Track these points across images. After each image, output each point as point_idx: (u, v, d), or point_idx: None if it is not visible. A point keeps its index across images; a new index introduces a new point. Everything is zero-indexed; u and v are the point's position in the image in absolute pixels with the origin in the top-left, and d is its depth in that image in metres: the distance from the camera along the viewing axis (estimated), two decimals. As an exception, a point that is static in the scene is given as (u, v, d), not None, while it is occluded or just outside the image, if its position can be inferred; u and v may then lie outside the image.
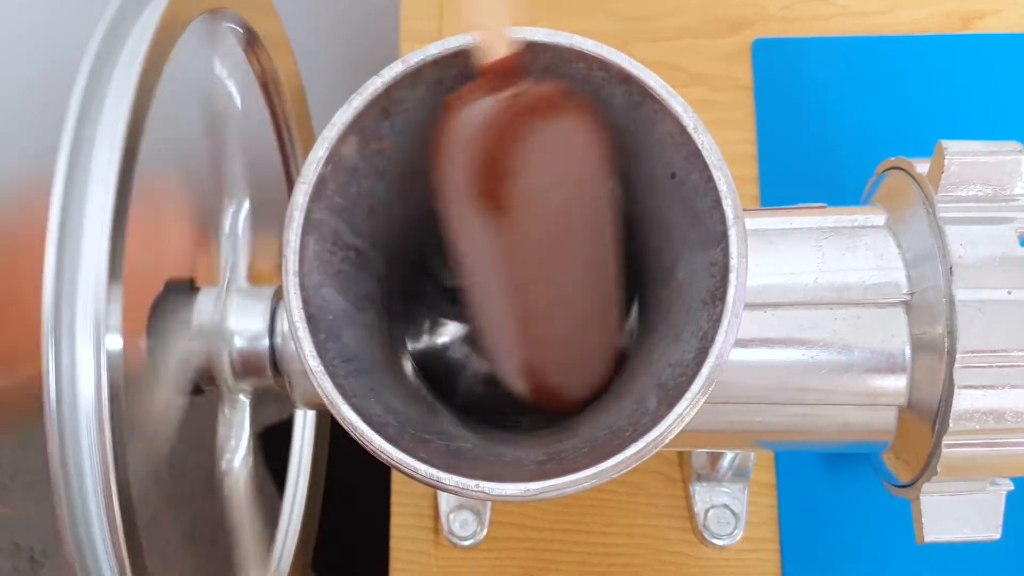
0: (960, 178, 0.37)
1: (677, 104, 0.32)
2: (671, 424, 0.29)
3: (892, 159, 0.41)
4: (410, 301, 0.38)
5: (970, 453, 0.36)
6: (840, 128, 0.60)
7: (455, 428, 0.34)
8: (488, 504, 0.51)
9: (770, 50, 0.61)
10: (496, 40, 0.31)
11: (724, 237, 0.30)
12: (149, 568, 0.34)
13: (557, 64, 0.33)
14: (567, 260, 0.34)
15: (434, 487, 0.29)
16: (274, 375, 0.40)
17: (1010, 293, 0.35)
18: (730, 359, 0.30)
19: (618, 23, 0.62)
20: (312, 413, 0.58)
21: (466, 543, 0.51)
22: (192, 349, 0.41)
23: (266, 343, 0.40)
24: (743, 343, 0.37)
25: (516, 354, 0.35)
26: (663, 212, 0.33)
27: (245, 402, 0.43)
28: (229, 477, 0.41)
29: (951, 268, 0.36)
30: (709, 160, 0.31)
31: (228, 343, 0.40)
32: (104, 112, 0.34)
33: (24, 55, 0.63)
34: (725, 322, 0.30)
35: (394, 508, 0.53)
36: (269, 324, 0.40)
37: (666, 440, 0.30)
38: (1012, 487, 0.38)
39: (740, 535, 0.50)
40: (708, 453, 0.49)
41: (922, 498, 0.38)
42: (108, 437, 0.31)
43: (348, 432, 0.30)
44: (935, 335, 0.36)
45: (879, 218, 0.39)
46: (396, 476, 0.54)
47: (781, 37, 0.61)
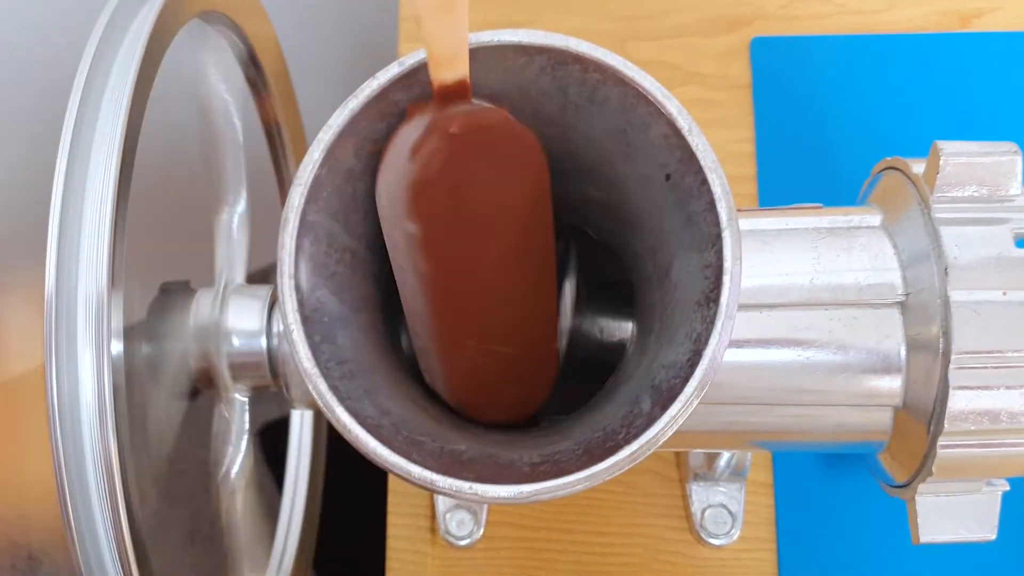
0: (955, 179, 0.37)
1: (672, 106, 0.32)
2: (665, 426, 0.29)
3: (888, 159, 0.41)
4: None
5: (965, 454, 0.36)
6: (838, 127, 0.60)
7: (449, 430, 0.34)
8: (484, 504, 0.51)
9: (769, 48, 0.61)
10: (448, 59, 0.30)
11: (718, 239, 0.30)
12: (154, 569, 0.34)
13: (552, 66, 0.33)
14: (501, 284, 0.34)
15: (428, 489, 0.29)
16: (271, 376, 0.41)
17: (1005, 294, 0.35)
18: (725, 360, 0.30)
19: (614, 22, 0.62)
20: (309, 411, 0.58)
21: (463, 543, 0.51)
22: (189, 350, 0.41)
23: (263, 344, 0.40)
24: (738, 344, 0.37)
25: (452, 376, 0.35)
26: (657, 214, 0.33)
27: (243, 402, 0.43)
28: (228, 477, 0.41)
29: (946, 269, 0.36)
30: (703, 162, 0.31)
31: (224, 344, 0.40)
32: (100, 117, 0.34)
33: (19, 59, 0.63)
34: (719, 324, 0.30)
35: (391, 508, 0.53)
36: (265, 325, 0.41)
37: (660, 442, 0.30)
38: (1008, 488, 0.38)
39: (737, 535, 0.50)
40: (705, 453, 0.49)
41: (918, 499, 0.38)
42: (112, 442, 0.32)
43: (342, 434, 0.30)
44: (930, 336, 0.36)
45: (875, 219, 0.39)
46: (392, 476, 0.54)
47: (779, 36, 0.61)
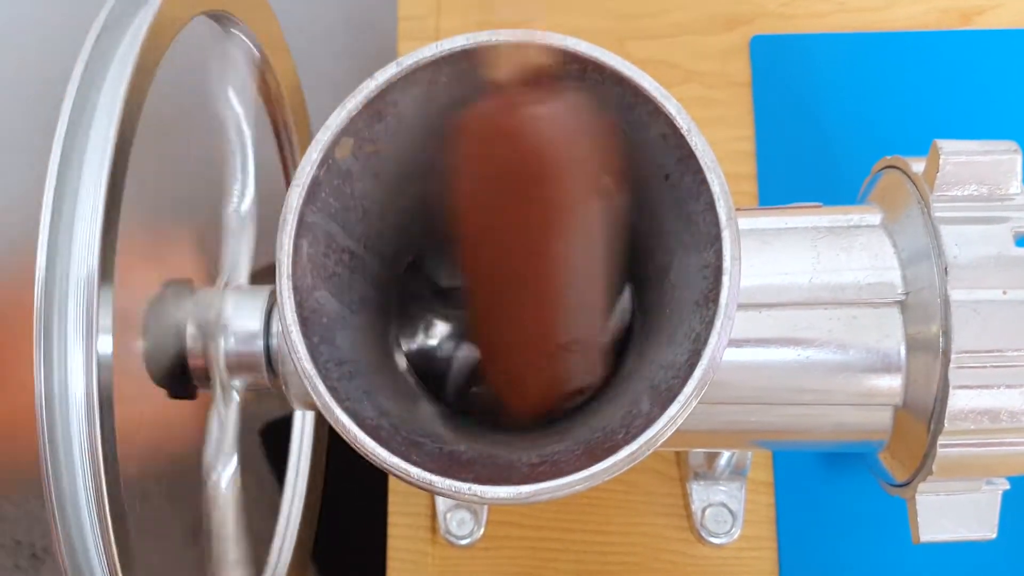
0: (955, 178, 0.37)
1: (671, 106, 0.32)
2: (664, 426, 0.29)
3: (888, 158, 0.41)
4: (404, 302, 0.38)
5: (965, 453, 0.36)
6: (838, 125, 0.60)
7: (449, 430, 0.34)
8: (484, 504, 0.51)
9: (768, 47, 0.61)
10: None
11: (717, 239, 0.30)
12: (141, 570, 0.34)
13: (552, 65, 0.33)
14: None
15: (427, 490, 0.29)
16: (269, 376, 0.40)
17: (1005, 293, 0.35)
18: (724, 360, 0.30)
19: (613, 20, 0.61)
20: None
21: (463, 542, 0.51)
22: (187, 349, 0.41)
23: (261, 344, 0.40)
24: (737, 343, 0.37)
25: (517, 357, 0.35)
26: (656, 214, 0.33)
27: (237, 402, 0.43)
28: (225, 477, 0.41)
29: (946, 268, 0.36)
30: (703, 162, 0.31)
31: (223, 343, 0.40)
32: (96, 113, 0.34)
33: (15, 55, 0.63)
34: (718, 324, 0.30)
35: (391, 508, 0.53)
36: (264, 325, 0.40)
37: (659, 442, 0.30)
38: (1008, 486, 0.38)
39: (738, 534, 0.50)
40: (705, 452, 0.49)
41: (918, 498, 0.38)
42: (99, 441, 0.31)
43: (341, 435, 0.30)
44: (930, 335, 0.36)
45: (874, 217, 0.39)
46: (392, 476, 0.54)
47: (779, 34, 0.61)
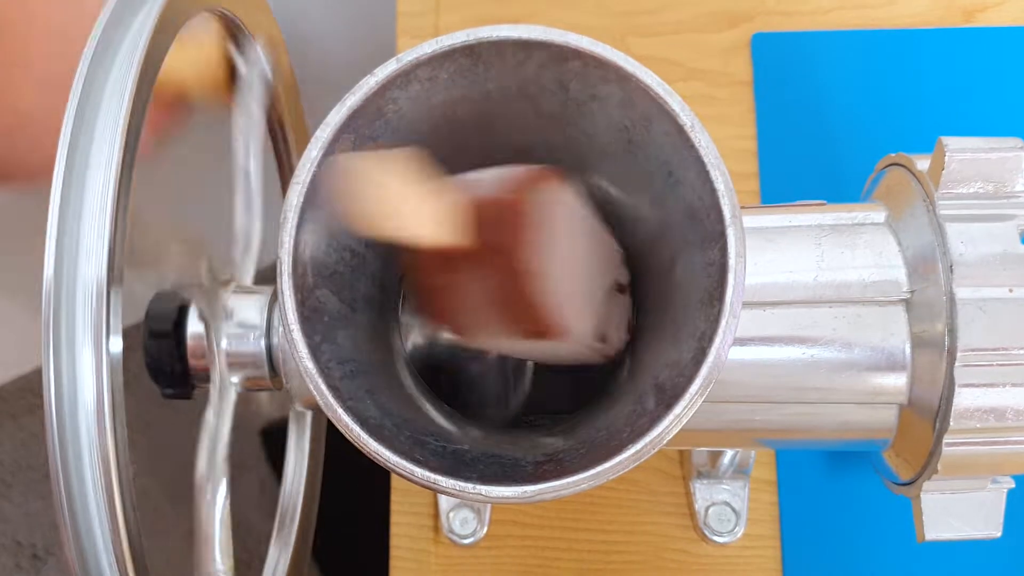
0: (960, 175, 0.37)
1: (674, 103, 0.31)
2: (669, 425, 0.29)
3: (892, 155, 0.41)
4: (406, 300, 0.38)
5: (971, 451, 0.36)
6: (841, 123, 0.59)
7: (453, 429, 0.33)
8: (488, 503, 0.51)
9: (770, 44, 0.61)
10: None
11: (722, 237, 0.30)
12: (151, 570, 0.34)
13: (552, 62, 0.32)
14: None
15: (431, 490, 0.29)
16: (271, 375, 0.40)
17: (1011, 291, 0.35)
18: (729, 358, 0.30)
19: (614, 17, 0.61)
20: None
21: (466, 541, 0.50)
22: (188, 348, 0.41)
23: (263, 343, 0.40)
24: (742, 342, 0.37)
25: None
26: (660, 211, 0.33)
27: (233, 397, 0.42)
28: (216, 482, 0.41)
29: (951, 266, 0.36)
30: (707, 159, 0.31)
31: (225, 342, 0.40)
32: (101, 112, 0.34)
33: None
34: (723, 322, 0.30)
35: (394, 507, 0.53)
36: (266, 323, 0.40)
37: (664, 441, 0.29)
38: (1013, 485, 0.38)
39: (741, 532, 0.50)
40: (709, 450, 0.49)
41: (923, 496, 0.38)
42: (110, 444, 0.31)
43: (344, 435, 0.30)
44: (935, 333, 0.36)
45: (879, 215, 0.39)
46: (395, 475, 0.54)
47: (781, 31, 0.61)
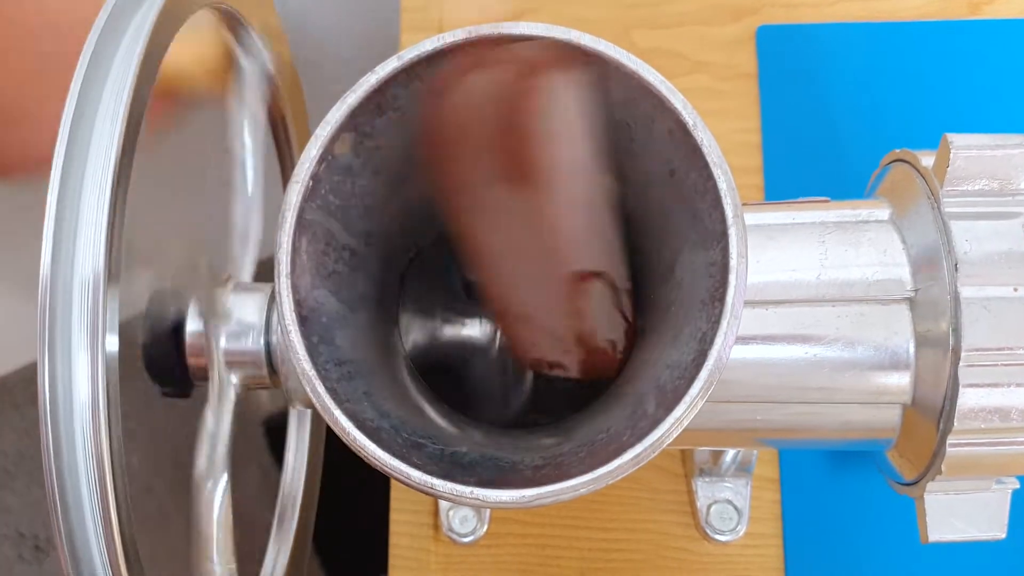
0: (966, 172, 0.36)
1: (677, 100, 0.31)
2: (669, 428, 0.29)
3: (897, 151, 0.41)
4: (406, 300, 0.37)
5: (975, 452, 0.36)
6: (846, 117, 0.59)
7: (451, 431, 0.33)
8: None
9: (775, 37, 0.60)
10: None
11: (723, 236, 0.30)
12: (152, 568, 0.33)
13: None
14: (591, 214, 0.33)
15: (428, 494, 0.29)
16: (270, 373, 0.40)
17: (1016, 290, 0.35)
18: (731, 357, 0.30)
19: (618, 9, 0.61)
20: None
21: (466, 540, 0.50)
22: (187, 346, 0.40)
23: (262, 341, 0.40)
24: (744, 341, 0.37)
25: (571, 321, 0.34)
26: (661, 210, 0.33)
27: (232, 396, 0.42)
28: (216, 480, 0.41)
29: (956, 264, 0.35)
30: (709, 158, 0.30)
31: (223, 341, 0.40)
32: (101, 107, 0.33)
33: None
34: (724, 323, 0.29)
35: (393, 505, 0.53)
36: (265, 322, 0.40)
37: (664, 444, 0.29)
38: (1018, 485, 0.38)
39: (743, 531, 0.50)
40: (711, 449, 0.49)
41: (926, 497, 0.38)
42: (104, 442, 0.31)
43: (341, 437, 0.29)
44: (940, 332, 0.35)
45: (883, 213, 0.39)
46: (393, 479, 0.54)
47: (786, 24, 0.61)
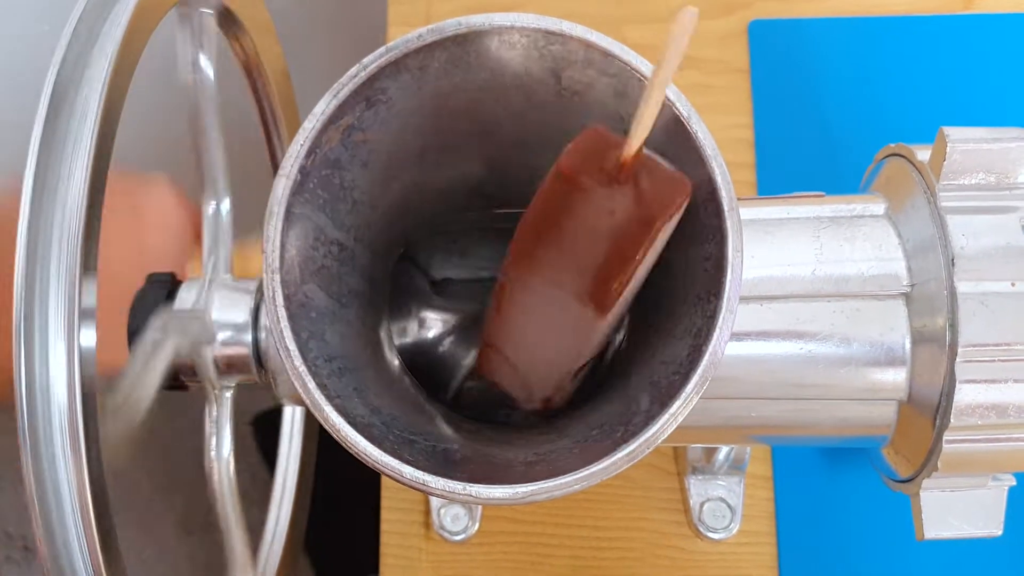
0: (962, 166, 0.36)
1: (671, 93, 0.31)
2: (664, 424, 0.28)
3: (892, 145, 0.40)
4: (396, 295, 0.37)
5: (971, 449, 0.35)
6: (840, 112, 0.59)
7: (443, 427, 0.33)
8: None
9: (767, 31, 0.60)
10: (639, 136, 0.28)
11: (719, 230, 0.29)
12: (140, 564, 0.33)
13: (545, 50, 0.31)
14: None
15: (420, 490, 0.28)
16: (258, 371, 0.39)
17: (1013, 285, 0.35)
18: (726, 354, 0.29)
19: (609, 5, 0.60)
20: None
21: (457, 538, 0.50)
22: (173, 343, 0.40)
23: (249, 338, 0.39)
24: (739, 336, 0.36)
25: (549, 390, 0.35)
26: (656, 204, 0.32)
27: (228, 396, 0.42)
28: (215, 469, 0.40)
29: (953, 259, 0.35)
30: (704, 150, 0.30)
31: (210, 338, 0.39)
32: (78, 101, 0.33)
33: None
34: (720, 319, 0.29)
35: (384, 503, 0.52)
36: (252, 319, 0.39)
37: (659, 441, 0.29)
38: (1014, 482, 0.37)
39: (736, 529, 0.49)
40: (704, 446, 0.48)
41: (922, 494, 0.37)
42: (81, 435, 0.30)
43: (331, 434, 0.29)
44: (936, 328, 0.35)
45: (879, 207, 0.38)
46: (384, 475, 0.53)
47: (778, 18, 0.60)
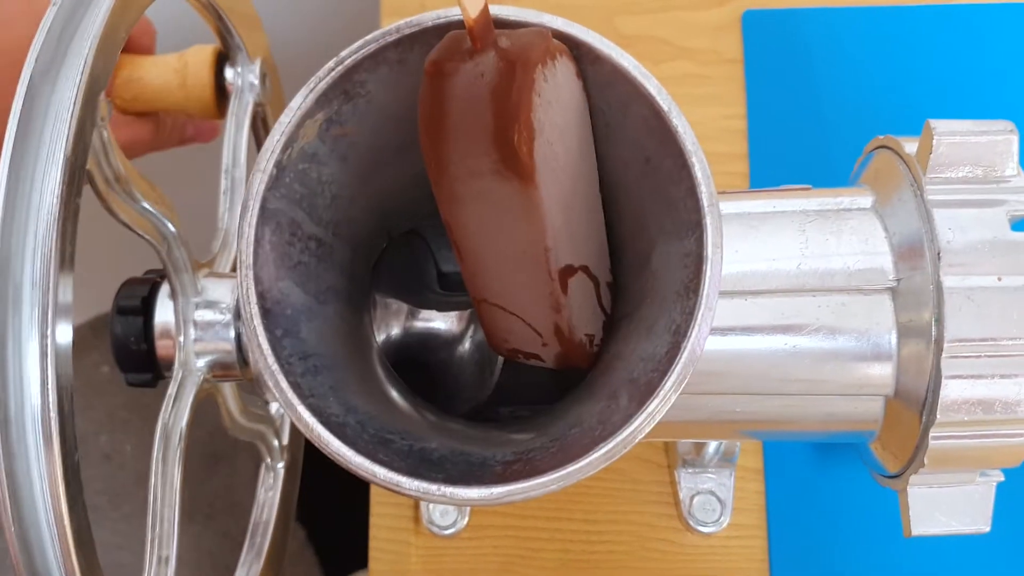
0: (949, 159, 0.36)
1: (651, 85, 0.30)
2: (642, 422, 0.28)
3: (880, 138, 0.40)
4: (378, 292, 0.37)
5: (958, 445, 0.35)
6: (834, 102, 0.58)
7: (422, 425, 0.32)
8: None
9: (761, 22, 0.59)
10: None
11: (698, 226, 0.29)
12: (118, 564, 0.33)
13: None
14: (579, 205, 0.32)
15: (394, 492, 0.28)
16: (241, 367, 0.39)
17: (1000, 279, 0.34)
18: (709, 349, 0.29)
19: (601, -5, 0.60)
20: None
21: (447, 532, 0.50)
22: (156, 327, 0.40)
23: (231, 334, 0.39)
24: (722, 332, 0.36)
25: (551, 316, 0.33)
26: (637, 199, 0.32)
27: (198, 391, 0.41)
28: (172, 467, 0.40)
29: (939, 253, 0.34)
30: (684, 145, 0.30)
31: (193, 324, 0.39)
32: (56, 90, 0.32)
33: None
34: (699, 315, 0.28)
35: (373, 498, 0.52)
36: (234, 315, 0.39)
37: (637, 438, 0.28)
38: (1002, 478, 0.37)
39: (726, 522, 0.49)
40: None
41: (909, 490, 0.37)
42: (55, 435, 0.30)
43: (304, 433, 0.28)
44: (922, 323, 0.35)
45: (866, 200, 0.38)
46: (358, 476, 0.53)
47: (772, 8, 0.60)
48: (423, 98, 0.29)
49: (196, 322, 0.39)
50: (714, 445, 0.48)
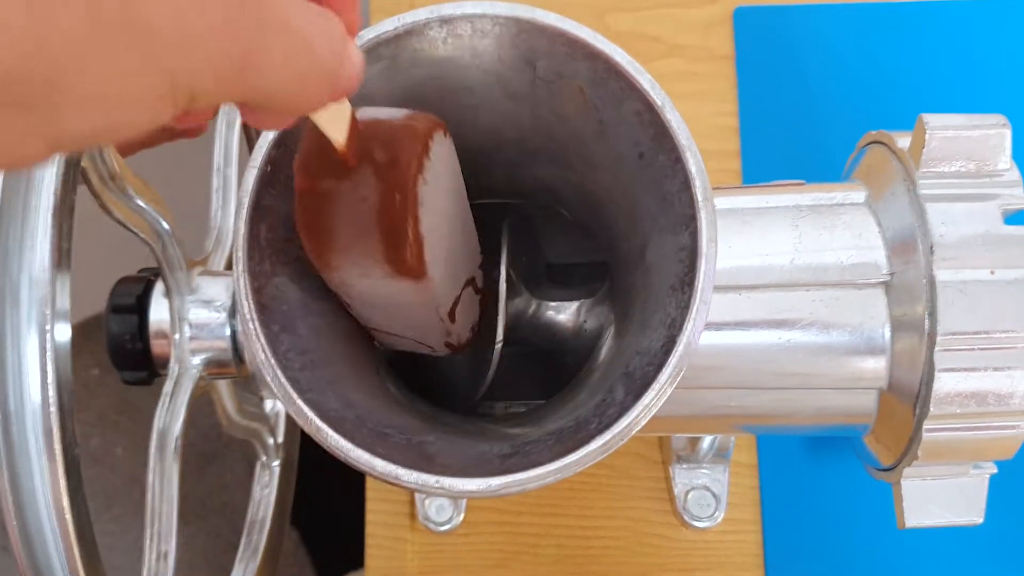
0: (942, 153, 0.36)
1: (644, 81, 0.30)
2: (637, 415, 0.28)
3: (873, 133, 0.40)
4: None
5: (952, 437, 0.35)
6: (826, 99, 0.58)
7: (418, 420, 0.33)
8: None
9: (752, 18, 0.60)
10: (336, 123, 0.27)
11: (692, 220, 0.29)
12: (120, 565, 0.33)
13: (518, 39, 0.31)
14: (457, 240, 0.33)
15: (393, 484, 0.28)
16: (237, 364, 0.39)
17: (993, 273, 0.34)
18: (704, 344, 0.29)
19: (593, -8, 0.60)
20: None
21: (443, 528, 0.50)
22: (151, 324, 0.40)
23: (227, 328, 0.39)
24: (716, 326, 0.36)
25: (441, 337, 0.34)
26: (631, 194, 0.32)
27: (195, 388, 0.41)
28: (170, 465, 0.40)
29: (932, 247, 0.35)
30: (678, 140, 0.30)
31: (188, 321, 0.39)
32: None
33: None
34: (693, 309, 0.29)
35: (368, 494, 0.52)
36: (231, 305, 0.39)
37: (632, 432, 0.28)
38: (996, 470, 0.37)
39: (721, 517, 0.49)
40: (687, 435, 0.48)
41: (903, 483, 0.37)
42: (56, 433, 0.30)
43: (303, 428, 0.29)
44: (915, 316, 0.35)
45: (859, 195, 0.38)
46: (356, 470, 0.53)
47: (763, 5, 0.60)
48: (300, 210, 0.28)
49: (191, 320, 0.39)
50: (708, 440, 0.48)
